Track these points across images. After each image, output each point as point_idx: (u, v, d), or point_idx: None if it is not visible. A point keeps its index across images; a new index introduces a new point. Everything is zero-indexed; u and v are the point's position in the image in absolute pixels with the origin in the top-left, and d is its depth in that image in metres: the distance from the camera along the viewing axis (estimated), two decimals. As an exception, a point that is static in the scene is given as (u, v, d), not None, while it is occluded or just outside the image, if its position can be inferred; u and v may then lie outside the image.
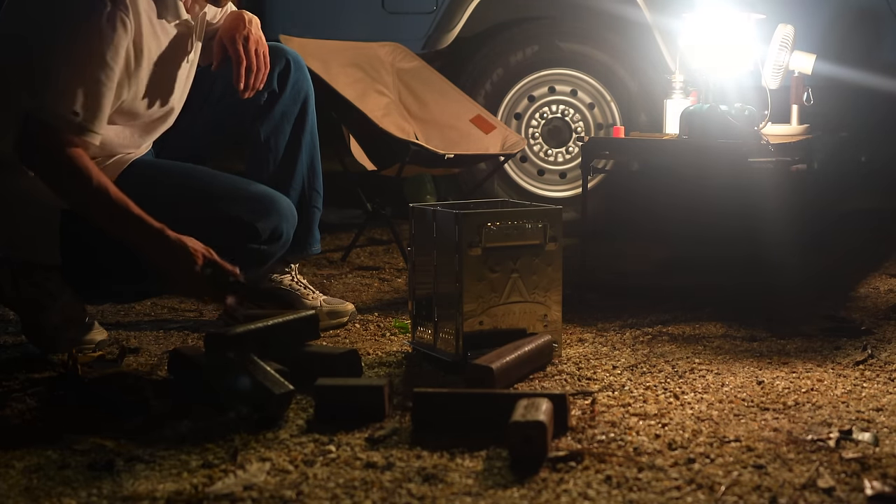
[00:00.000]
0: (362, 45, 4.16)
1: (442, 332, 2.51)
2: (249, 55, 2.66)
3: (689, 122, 3.25)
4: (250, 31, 2.68)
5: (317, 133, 2.90)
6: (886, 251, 4.05)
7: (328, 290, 3.36)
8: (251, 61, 2.66)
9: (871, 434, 1.99)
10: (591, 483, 1.77)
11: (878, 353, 2.59)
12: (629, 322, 2.93)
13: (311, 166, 2.89)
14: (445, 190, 4.64)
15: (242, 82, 2.65)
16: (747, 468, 1.83)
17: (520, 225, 2.50)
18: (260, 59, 2.68)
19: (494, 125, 4.11)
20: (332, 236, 4.44)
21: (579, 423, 2.06)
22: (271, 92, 2.78)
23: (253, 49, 2.66)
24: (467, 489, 1.75)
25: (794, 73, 3.49)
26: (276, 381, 2.11)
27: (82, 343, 2.60)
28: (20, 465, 1.85)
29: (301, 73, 2.84)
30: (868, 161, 4.64)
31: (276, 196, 2.60)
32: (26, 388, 2.29)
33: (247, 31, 2.67)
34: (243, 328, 2.29)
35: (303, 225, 2.85)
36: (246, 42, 2.66)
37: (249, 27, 2.67)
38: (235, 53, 2.65)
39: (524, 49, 4.48)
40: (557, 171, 4.60)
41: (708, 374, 2.42)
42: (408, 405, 2.13)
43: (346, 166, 4.04)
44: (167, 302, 3.19)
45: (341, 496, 1.72)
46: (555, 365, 2.50)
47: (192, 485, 1.76)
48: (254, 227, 2.53)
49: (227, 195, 2.56)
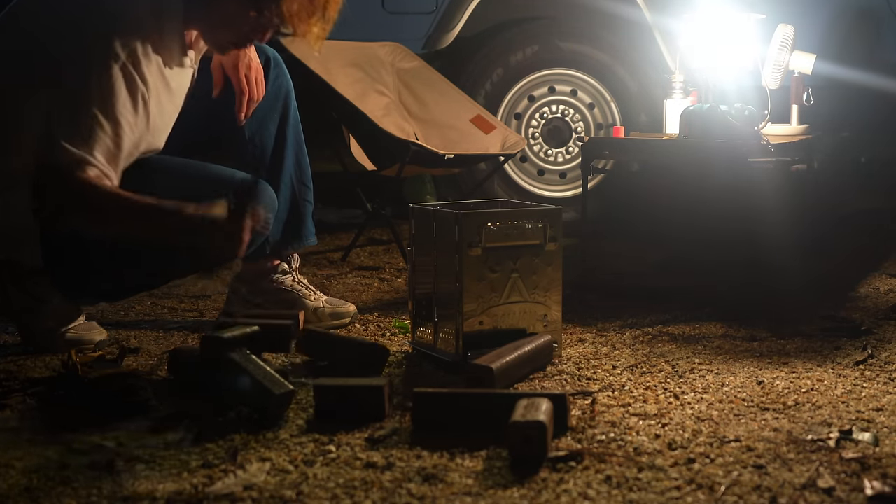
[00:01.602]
0: (362, 45, 4.16)
1: (442, 332, 2.51)
2: (251, 85, 2.73)
3: (689, 122, 3.25)
4: (251, 59, 2.73)
5: (301, 128, 2.92)
6: (886, 251, 4.05)
7: (328, 290, 3.36)
8: (252, 92, 2.74)
9: (871, 434, 1.99)
10: (591, 483, 1.77)
11: (878, 353, 2.59)
12: (629, 322, 2.93)
13: (298, 161, 2.90)
14: (445, 190, 4.64)
15: (244, 112, 2.74)
16: (747, 468, 1.83)
17: (520, 225, 2.50)
18: (260, 88, 2.76)
19: (494, 125, 4.11)
20: (332, 236, 4.44)
21: (579, 423, 2.06)
22: None
23: (253, 78, 2.73)
24: (467, 489, 1.75)
25: (794, 73, 3.50)
26: (276, 381, 2.11)
27: (81, 343, 2.60)
28: (20, 465, 1.85)
29: (280, 70, 2.86)
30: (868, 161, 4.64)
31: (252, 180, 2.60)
32: (26, 388, 2.29)
33: (248, 61, 2.72)
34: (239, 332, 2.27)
35: (296, 218, 2.87)
36: (248, 72, 2.72)
37: (249, 54, 2.71)
38: (239, 84, 2.72)
39: (524, 49, 4.48)
40: (557, 171, 4.60)
41: (708, 374, 2.42)
42: (408, 405, 2.13)
43: (346, 166, 4.04)
44: (167, 302, 3.19)
45: (341, 496, 1.72)
46: (555, 365, 2.49)
47: (192, 485, 1.76)
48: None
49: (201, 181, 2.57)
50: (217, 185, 2.55)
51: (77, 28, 2.37)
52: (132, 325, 2.92)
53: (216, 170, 2.63)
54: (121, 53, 2.33)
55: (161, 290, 3.23)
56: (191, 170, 2.60)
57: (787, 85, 3.51)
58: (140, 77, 2.37)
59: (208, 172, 2.61)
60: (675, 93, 3.55)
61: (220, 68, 2.72)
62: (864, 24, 4.42)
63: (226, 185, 2.56)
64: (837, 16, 4.39)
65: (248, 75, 2.71)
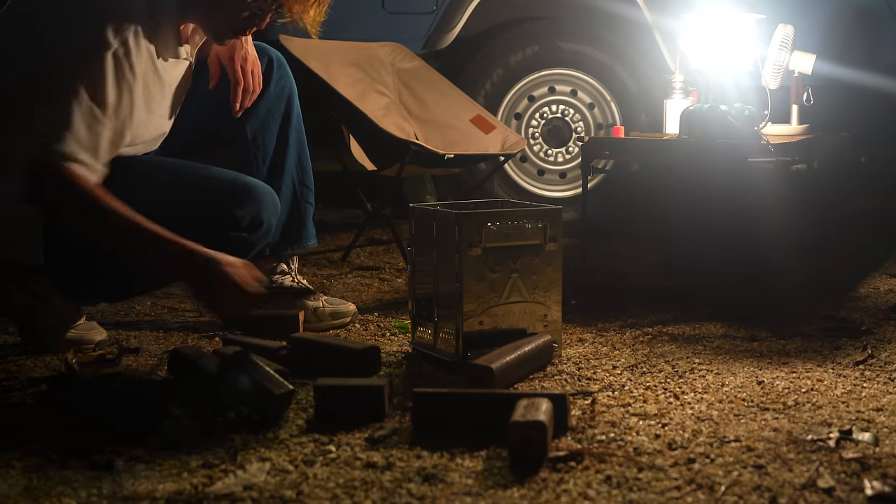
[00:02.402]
0: (362, 45, 4.17)
1: (442, 332, 2.51)
2: (247, 76, 2.72)
3: (689, 122, 3.25)
4: (247, 50, 2.73)
5: (303, 129, 2.92)
6: (886, 251, 4.05)
7: (328, 290, 3.36)
8: (248, 83, 2.73)
9: (871, 434, 1.99)
10: (591, 483, 1.77)
11: (878, 353, 2.59)
12: (629, 322, 2.93)
13: (300, 162, 2.90)
14: (445, 190, 4.64)
15: (239, 103, 2.73)
16: (747, 468, 1.83)
17: (520, 225, 2.50)
18: (256, 80, 2.75)
19: (494, 125, 4.11)
20: (332, 236, 4.45)
21: (579, 423, 2.06)
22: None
23: (250, 70, 2.73)
24: (467, 489, 1.75)
25: (794, 73, 3.49)
26: (276, 381, 2.11)
27: (81, 343, 2.60)
28: (20, 465, 1.85)
29: (283, 71, 2.86)
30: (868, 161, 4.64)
31: (255, 184, 2.60)
32: (26, 388, 2.29)
33: (244, 52, 2.72)
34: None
35: (297, 220, 2.88)
36: (244, 63, 2.71)
37: (246, 46, 2.72)
38: (234, 75, 2.71)
39: (524, 49, 4.48)
40: (557, 171, 4.60)
41: (708, 374, 2.42)
42: (408, 405, 2.13)
43: (346, 166, 4.04)
44: (167, 302, 3.19)
45: (341, 496, 1.72)
46: (555, 365, 2.49)
47: (192, 485, 1.76)
48: (232, 215, 2.52)
49: (203, 184, 2.56)
50: (212, 187, 2.55)
51: (69, 18, 2.36)
52: (132, 325, 2.92)
53: (214, 172, 2.62)
54: (112, 43, 2.32)
55: (161, 290, 3.23)
56: (188, 171, 2.60)
57: (787, 85, 3.51)
58: (130, 66, 2.36)
59: (206, 174, 2.60)
60: (675, 93, 3.55)
61: (216, 60, 2.72)
62: (864, 24, 4.42)
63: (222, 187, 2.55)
64: (837, 16, 4.39)
65: (245, 66, 2.71)
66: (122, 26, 2.34)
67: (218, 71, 2.73)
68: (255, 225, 2.56)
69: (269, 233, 2.63)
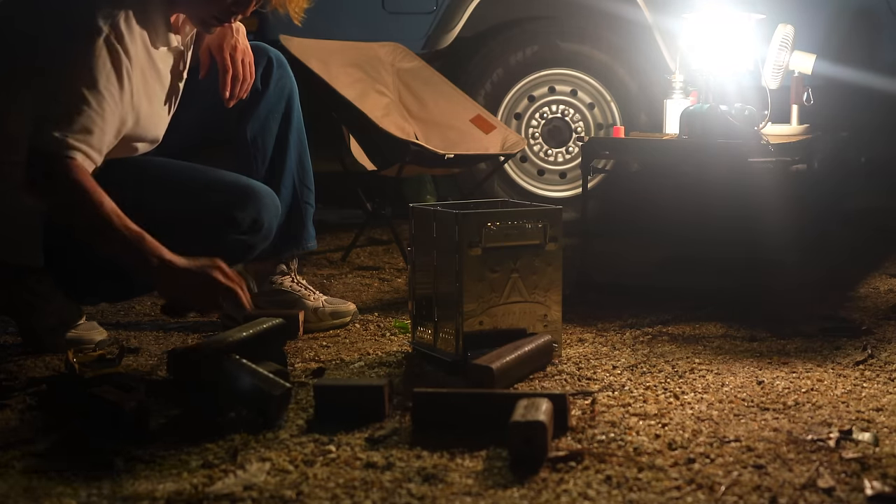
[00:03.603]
0: (362, 45, 4.17)
1: (442, 332, 2.51)
2: (236, 64, 2.70)
3: (689, 122, 3.25)
4: (238, 40, 2.71)
5: (304, 130, 2.91)
6: (886, 251, 4.05)
7: (328, 290, 3.36)
8: (237, 71, 2.71)
9: (871, 434, 1.99)
10: (591, 483, 1.77)
11: (878, 353, 2.59)
12: (629, 322, 2.93)
13: (301, 163, 2.89)
14: (445, 190, 4.64)
15: (228, 90, 2.70)
16: (747, 468, 1.83)
17: (520, 225, 2.50)
18: (246, 69, 2.73)
19: (494, 125, 4.11)
20: (332, 236, 4.45)
21: (579, 423, 2.06)
22: (255, 91, 2.78)
23: (240, 59, 2.71)
24: (467, 489, 1.75)
25: (794, 73, 3.49)
26: (274, 382, 2.10)
27: (81, 343, 2.60)
28: (20, 465, 1.85)
29: (284, 71, 2.85)
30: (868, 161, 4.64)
31: (255, 186, 2.59)
32: (26, 388, 2.29)
33: (234, 41, 2.70)
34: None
35: (297, 222, 2.87)
36: (233, 52, 2.70)
37: (237, 36, 2.71)
38: (222, 62, 2.69)
39: (524, 49, 4.48)
40: (557, 171, 4.60)
41: (708, 374, 2.42)
42: (408, 405, 2.13)
43: (346, 166, 4.04)
44: (167, 302, 3.19)
45: (341, 496, 1.72)
46: (555, 365, 2.49)
47: (192, 485, 1.76)
48: (232, 217, 2.52)
49: (204, 186, 2.56)
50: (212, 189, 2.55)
51: (60, 10, 2.36)
52: (132, 325, 2.92)
53: (215, 174, 2.62)
54: (104, 28, 2.32)
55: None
56: (189, 172, 2.59)
57: (787, 85, 3.51)
58: (124, 51, 2.35)
59: (206, 176, 2.59)
60: (675, 93, 3.55)
61: (207, 51, 2.72)
62: (864, 24, 4.42)
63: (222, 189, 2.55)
64: (837, 16, 4.39)
65: (234, 55, 2.69)
66: (113, 13, 2.35)
67: (207, 60, 2.71)
68: (256, 227, 2.56)
69: (269, 235, 2.63)
